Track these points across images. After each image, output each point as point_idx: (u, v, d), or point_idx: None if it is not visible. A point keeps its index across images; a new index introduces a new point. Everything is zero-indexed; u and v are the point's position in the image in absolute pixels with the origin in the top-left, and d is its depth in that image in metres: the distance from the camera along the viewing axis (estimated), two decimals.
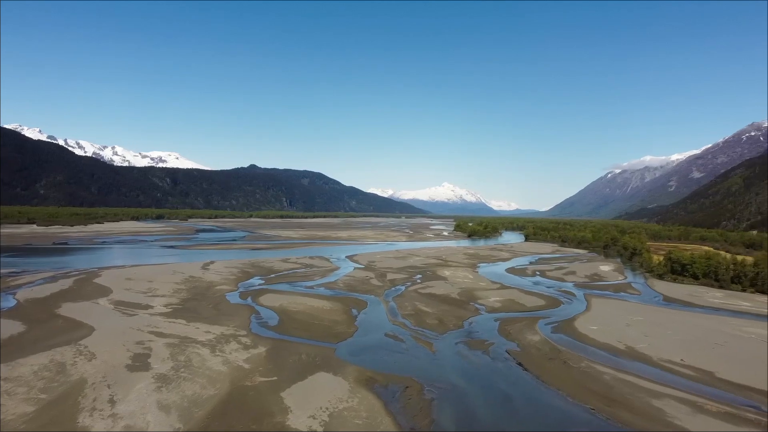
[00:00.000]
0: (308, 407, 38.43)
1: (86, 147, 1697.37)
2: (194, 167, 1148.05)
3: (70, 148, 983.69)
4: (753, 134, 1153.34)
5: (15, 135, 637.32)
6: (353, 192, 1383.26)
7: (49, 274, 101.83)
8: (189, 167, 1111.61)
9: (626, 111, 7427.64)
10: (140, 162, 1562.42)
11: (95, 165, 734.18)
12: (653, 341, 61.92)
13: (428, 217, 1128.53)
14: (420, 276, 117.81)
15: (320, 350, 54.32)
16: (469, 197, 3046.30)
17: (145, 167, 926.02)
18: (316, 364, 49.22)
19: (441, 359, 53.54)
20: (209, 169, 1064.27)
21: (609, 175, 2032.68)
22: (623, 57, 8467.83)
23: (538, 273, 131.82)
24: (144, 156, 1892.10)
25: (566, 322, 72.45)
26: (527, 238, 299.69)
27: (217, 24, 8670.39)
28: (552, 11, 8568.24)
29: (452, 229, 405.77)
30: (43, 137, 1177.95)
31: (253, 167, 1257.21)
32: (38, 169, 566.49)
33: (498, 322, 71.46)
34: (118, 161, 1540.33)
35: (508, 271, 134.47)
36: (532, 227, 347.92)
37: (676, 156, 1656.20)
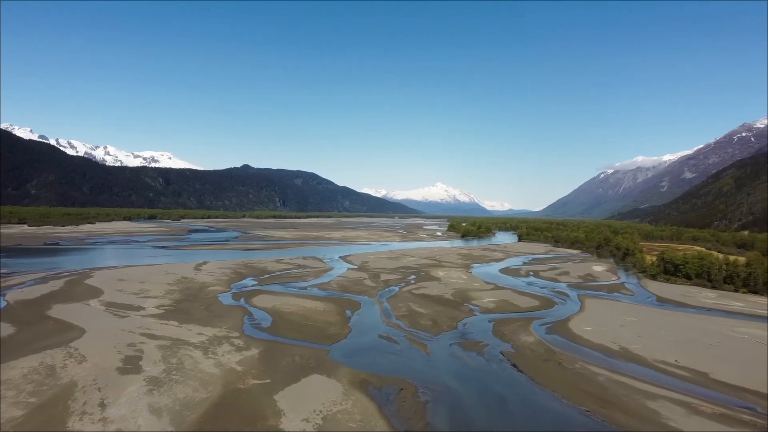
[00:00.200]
0: (302, 410, 38.07)
1: (78, 147, 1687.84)
2: (187, 167, 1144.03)
3: (62, 148, 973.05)
4: (744, 135, 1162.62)
5: (6, 135, 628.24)
6: (346, 192, 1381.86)
7: (40, 275, 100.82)
8: (182, 167, 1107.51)
9: (619, 111, 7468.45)
10: (132, 162, 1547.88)
11: (87, 165, 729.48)
12: (647, 342, 62.00)
13: (421, 218, 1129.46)
14: (414, 276, 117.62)
15: (314, 352, 53.96)
16: (463, 197, 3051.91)
17: (138, 167, 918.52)
18: (310, 366, 48.86)
19: (435, 361, 53.32)
20: (202, 169, 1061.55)
21: (602, 176, 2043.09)
22: (616, 58, 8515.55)
23: (532, 273, 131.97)
24: (136, 156, 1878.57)
25: (560, 323, 72.46)
26: (520, 239, 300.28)
27: (211, 23, 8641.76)
28: (545, 12, 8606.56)
29: (445, 230, 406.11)
30: (35, 137, 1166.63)
31: (246, 167, 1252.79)
32: (29, 169, 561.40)
33: (492, 323, 71.32)
34: (110, 161, 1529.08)
35: (502, 272, 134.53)
36: (526, 227, 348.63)
37: (668, 156, 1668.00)
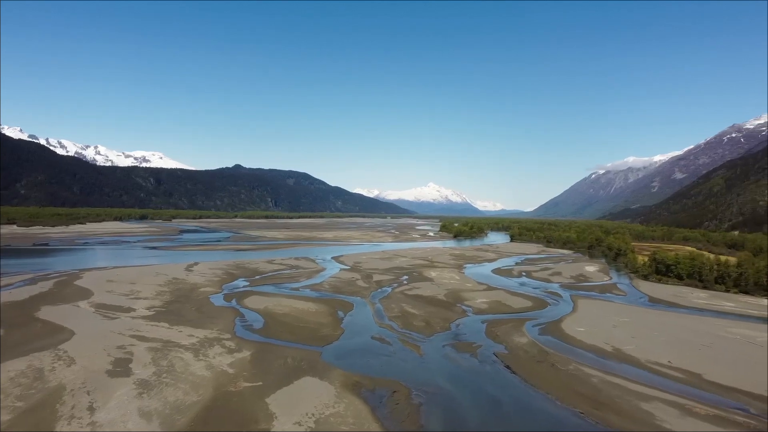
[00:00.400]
0: (294, 413, 37.66)
1: (68, 146, 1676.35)
2: (178, 167, 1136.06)
3: (52, 148, 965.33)
4: (734, 136, 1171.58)
5: None
6: (339, 192, 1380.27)
7: (29, 276, 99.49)
8: (173, 167, 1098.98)
9: (610, 112, 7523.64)
10: (123, 162, 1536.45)
11: (77, 164, 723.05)
12: (640, 343, 62.03)
13: (414, 218, 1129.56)
14: (406, 277, 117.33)
15: (306, 354, 53.51)
16: (455, 197, 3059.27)
17: (129, 167, 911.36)
18: (302, 369, 48.42)
19: (428, 362, 53.02)
20: (194, 169, 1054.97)
21: (593, 176, 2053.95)
22: (608, 59, 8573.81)
23: (524, 274, 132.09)
24: (127, 156, 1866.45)
25: (553, 324, 72.38)
26: (513, 239, 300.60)
27: (203, 23, 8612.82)
28: (542, 13, 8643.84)
29: (438, 230, 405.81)
30: (24, 136, 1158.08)
31: (238, 167, 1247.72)
32: (19, 169, 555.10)
33: (485, 324, 71.14)
34: (101, 161, 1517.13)
35: (495, 272, 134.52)
36: (518, 228, 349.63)
37: (659, 157, 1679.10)
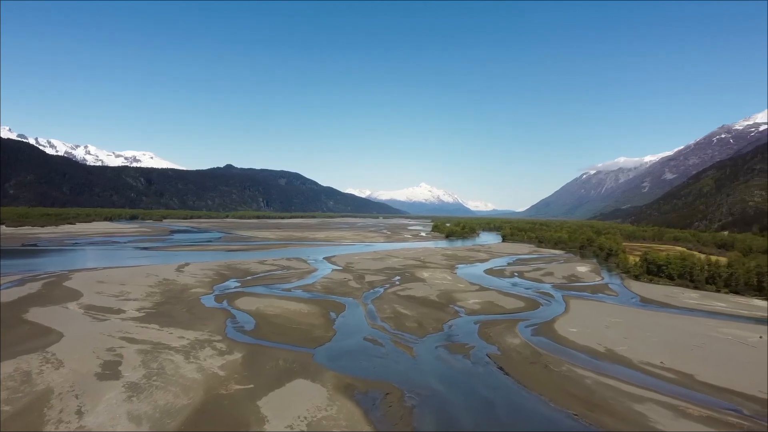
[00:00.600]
0: (286, 416, 37.29)
1: (58, 146, 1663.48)
2: (169, 167, 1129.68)
3: (41, 147, 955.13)
4: (723, 136, 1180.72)
5: None
6: (331, 192, 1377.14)
7: (17, 277, 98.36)
8: (164, 167, 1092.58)
9: (601, 113, 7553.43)
10: (114, 161, 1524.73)
11: (67, 164, 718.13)
12: (633, 343, 62.12)
13: (406, 218, 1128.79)
14: (398, 278, 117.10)
15: (298, 356, 53.11)
16: (447, 198, 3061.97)
17: (119, 167, 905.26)
18: (294, 371, 48.03)
19: (421, 364, 52.78)
20: (185, 169, 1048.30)
21: (584, 176, 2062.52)
22: (600, 60, 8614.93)
23: (516, 274, 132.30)
24: (118, 155, 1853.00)
25: (546, 325, 72.41)
26: (504, 239, 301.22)
27: (194, 22, 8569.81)
28: (540, 13, 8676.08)
29: (430, 230, 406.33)
30: (13, 136, 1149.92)
31: (230, 167, 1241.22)
32: (8, 169, 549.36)
33: (478, 325, 71.06)
34: (91, 160, 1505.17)
35: (487, 273, 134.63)
36: (509, 228, 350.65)
37: (650, 157, 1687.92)
